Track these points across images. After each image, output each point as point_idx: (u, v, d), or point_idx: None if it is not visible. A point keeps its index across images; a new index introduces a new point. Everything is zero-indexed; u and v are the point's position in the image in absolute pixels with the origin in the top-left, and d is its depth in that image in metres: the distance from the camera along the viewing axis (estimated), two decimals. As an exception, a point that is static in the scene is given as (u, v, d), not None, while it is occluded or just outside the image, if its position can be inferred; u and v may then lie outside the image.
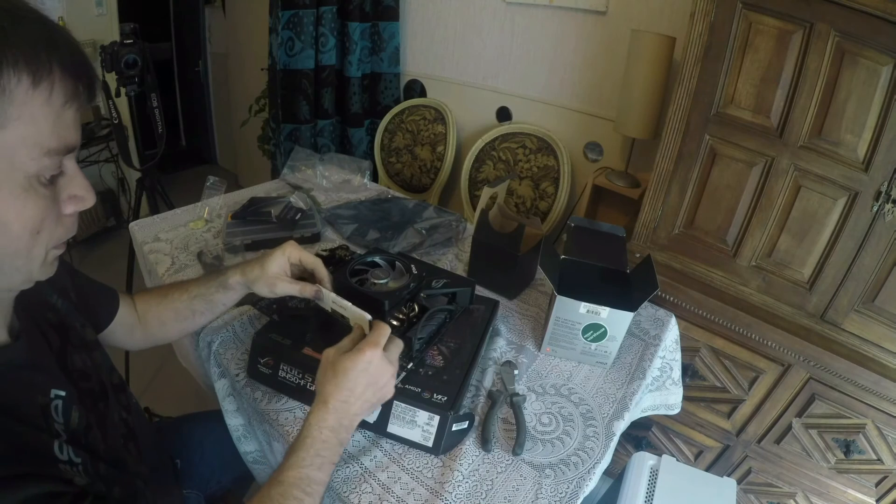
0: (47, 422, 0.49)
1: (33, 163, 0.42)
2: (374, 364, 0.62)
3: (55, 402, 0.50)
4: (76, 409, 0.53)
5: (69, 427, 0.51)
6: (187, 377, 1.17)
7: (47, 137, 0.42)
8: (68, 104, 0.43)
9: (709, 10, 1.07)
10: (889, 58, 0.93)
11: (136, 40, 1.55)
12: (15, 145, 0.40)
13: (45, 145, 0.42)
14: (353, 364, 0.61)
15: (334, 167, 1.59)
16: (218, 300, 0.80)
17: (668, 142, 1.21)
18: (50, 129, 0.42)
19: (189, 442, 0.96)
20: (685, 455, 1.47)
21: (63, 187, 0.46)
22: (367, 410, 0.64)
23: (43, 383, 0.51)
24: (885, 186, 0.99)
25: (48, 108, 0.41)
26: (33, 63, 0.39)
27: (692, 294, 1.24)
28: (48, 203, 0.44)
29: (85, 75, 0.44)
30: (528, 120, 1.99)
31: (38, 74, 0.40)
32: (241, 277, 0.77)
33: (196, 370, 1.06)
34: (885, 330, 1.08)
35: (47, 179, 0.44)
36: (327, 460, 0.59)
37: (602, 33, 1.71)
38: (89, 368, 0.61)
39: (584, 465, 0.76)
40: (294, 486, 0.56)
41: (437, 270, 0.98)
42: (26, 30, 0.40)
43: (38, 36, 0.40)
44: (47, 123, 0.42)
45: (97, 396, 0.60)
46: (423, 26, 2.14)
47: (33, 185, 0.43)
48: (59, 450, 0.47)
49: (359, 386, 0.61)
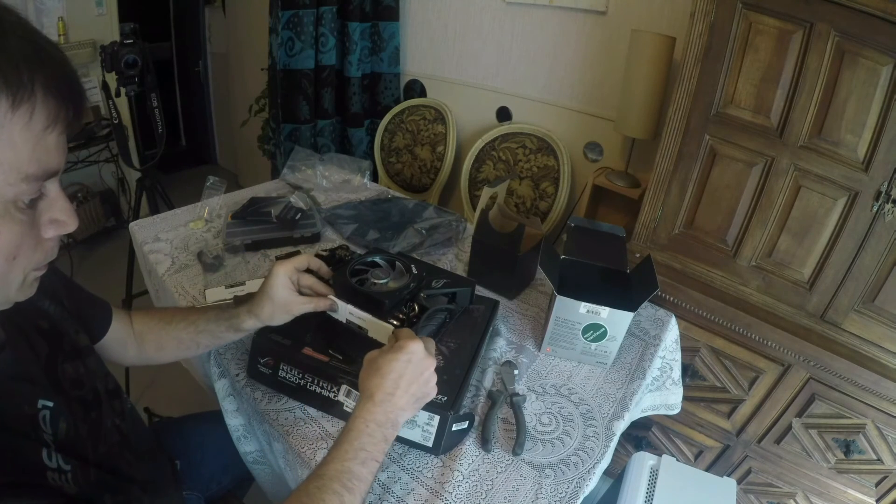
0: (36, 432, 0.48)
1: (10, 188, 0.39)
2: (418, 356, 0.61)
3: (43, 412, 0.50)
4: (64, 419, 0.52)
5: (57, 437, 0.50)
6: (187, 377, 1.17)
7: (26, 163, 0.39)
8: (51, 128, 0.40)
9: (709, 10, 1.07)
10: (889, 58, 0.93)
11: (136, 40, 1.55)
12: None
13: (23, 170, 0.39)
14: (395, 356, 0.60)
15: (334, 167, 1.59)
16: (227, 338, 0.80)
17: (668, 142, 1.21)
18: (29, 153, 0.39)
19: (190, 442, 0.95)
20: (685, 455, 1.47)
21: (43, 210, 0.44)
22: (412, 406, 0.63)
23: (30, 394, 0.50)
24: (885, 186, 0.99)
25: (28, 132, 0.39)
26: (13, 84, 0.37)
27: (692, 294, 1.24)
28: (25, 228, 0.42)
29: (71, 98, 0.41)
30: (528, 120, 1.99)
31: (18, 96, 0.37)
32: (255, 319, 0.76)
33: (196, 370, 1.06)
34: (885, 330, 1.08)
35: (25, 204, 0.42)
36: (371, 456, 0.57)
37: (602, 33, 1.71)
38: (82, 376, 0.60)
39: (584, 465, 0.76)
40: (334, 479, 0.54)
41: (437, 270, 0.98)
42: (8, 45, 0.37)
43: (21, 53, 0.38)
44: (27, 148, 0.39)
45: (89, 405, 0.59)
46: (423, 26, 2.14)
47: (9, 210, 0.40)
48: (47, 457, 0.47)
49: (403, 379, 0.61)
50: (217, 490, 0.97)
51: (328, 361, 0.78)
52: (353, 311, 0.78)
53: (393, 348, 0.62)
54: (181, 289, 1.05)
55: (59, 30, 2.24)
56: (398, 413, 0.61)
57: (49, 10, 2.20)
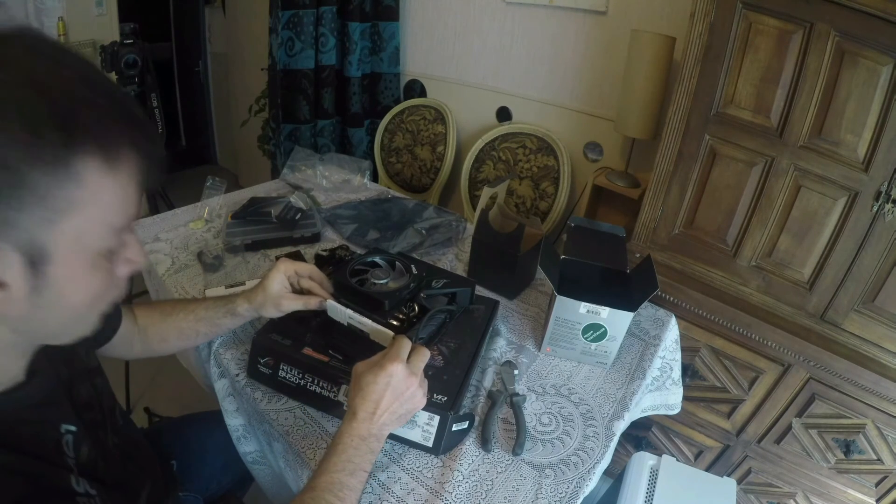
0: (61, 457, 0.49)
1: (101, 241, 0.42)
2: (397, 377, 0.63)
3: (66, 436, 0.51)
4: (85, 443, 0.53)
5: (79, 460, 0.51)
6: (187, 377, 1.17)
7: (115, 216, 0.42)
8: (135, 180, 0.42)
9: (709, 10, 1.07)
10: (889, 58, 0.93)
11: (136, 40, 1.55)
12: (84, 228, 0.40)
13: (112, 224, 0.42)
14: (374, 378, 0.62)
15: (334, 167, 1.59)
16: (224, 325, 0.83)
17: (668, 142, 1.21)
18: (118, 208, 0.42)
19: (189, 442, 0.95)
20: (685, 455, 1.47)
21: (120, 253, 0.46)
22: (396, 421, 0.65)
23: (55, 419, 0.51)
24: (885, 186, 0.99)
25: (117, 188, 0.41)
26: (105, 146, 0.39)
27: (692, 294, 1.24)
28: (108, 275, 0.45)
29: (153, 153, 0.44)
30: (528, 120, 1.99)
31: (109, 157, 0.39)
32: (249, 305, 0.80)
33: (196, 370, 1.06)
34: (885, 330, 1.08)
35: (110, 253, 0.44)
36: (358, 467, 0.60)
37: (602, 33, 1.71)
38: (92, 398, 0.61)
39: (584, 465, 0.76)
40: (326, 490, 0.57)
41: (437, 270, 0.98)
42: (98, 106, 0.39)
43: (110, 112, 0.40)
44: (115, 203, 0.41)
45: (97, 425, 0.60)
46: (423, 26, 2.14)
47: (98, 261, 0.43)
48: (75, 483, 0.48)
49: (384, 399, 0.62)
50: (217, 490, 0.97)
51: (328, 361, 0.78)
52: (352, 316, 0.78)
53: (374, 367, 0.63)
54: (181, 289, 1.06)
55: (59, 30, 2.23)
56: (381, 428, 0.63)
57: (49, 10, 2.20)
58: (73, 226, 0.39)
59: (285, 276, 0.80)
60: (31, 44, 0.38)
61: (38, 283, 0.40)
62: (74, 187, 0.38)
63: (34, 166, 0.36)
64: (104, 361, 0.69)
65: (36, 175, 0.36)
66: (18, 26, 0.39)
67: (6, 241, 0.37)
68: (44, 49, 0.38)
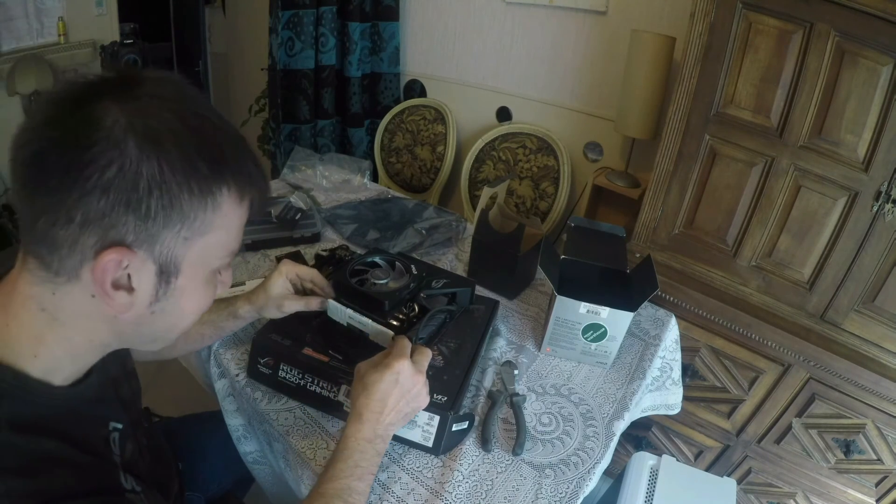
0: (109, 453, 0.51)
1: (219, 261, 0.49)
2: (404, 375, 0.63)
3: (113, 434, 0.53)
4: (130, 441, 0.55)
5: (124, 457, 0.53)
6: (187, 377, 1.17)
7: (234, 241, 0.49)
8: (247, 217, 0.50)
9: (709, 10, 1.07)
10: (889, 58, 0.93)
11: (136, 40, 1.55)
12: (211, 248, 0.46)
13: (231, 248, 0.49)
14: (381, 377, 0.62)
15: (334, 167, 1.59)
16: (227, 327, 0.84)
17: (668, 142, 1.21)
18: (236, 235, 0.49)
19: (190, 443, 0.95)
20: (685, 455, 1.47)
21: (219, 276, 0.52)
22: (401, 420, 0.65)
23: (105, 416, 0.54)
24: (885, 186, 0.99)
25: (239, 220, 0.48)
26: (241, 182, 0.46)
27: (692, 294, 1.24)
28: (214, 292, 0.52)
29: (267, 190, 0.51)
30: (528, 120, 1.99)
31: (243, 191, 0.46)
32: (251, 306, 0.81)
33: (196, 370, 1.06)
34: (885, 330, 1.08)
35: (219, 272, 0.51)
36: (366, 470, 0.60)
37: (602, 33, 1.70)
38: (132, 398, 0.63)
39: (584, 465, 0.76)
40: (336, 497, 0.57)
41: (437, 270, 0.98)
42: (234, 148, 0.46)
43: (242, 154, 0.47)
44: (237, 230, 0.49)
45: (137, 425, 0.62)
46: (423, 26, 2.14)
47: (212, 278, 0.50)
48: (123, 479, 0.50)
49: (390, 398, 0.62)
50: (217, 490, 0.97)
51: (328, 361, 0.78)
52: (352, 316, 0.79)
53: (380, 366, 0.63)
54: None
55: (59, 30, 2.23)
56: (387, 428, 0.63)
57: (49, 10, 2.19)
58: (203, 245, 0.45)
59: (287, 279, 0.81)
60: (179, 88, 0.44)
61: (163, 291, 0.45)
62: (213, 213, 0.44)
63: (187, 191, 0.41)
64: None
65: (186, 198, 0.42)
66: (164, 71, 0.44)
67: (148, 252, 0.42)
68: (190, 93, 0.45)
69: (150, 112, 0.40)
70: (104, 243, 0.40)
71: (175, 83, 0.44)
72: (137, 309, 0.45)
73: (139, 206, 0.40)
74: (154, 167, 0.39)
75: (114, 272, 0.41)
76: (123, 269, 0.42)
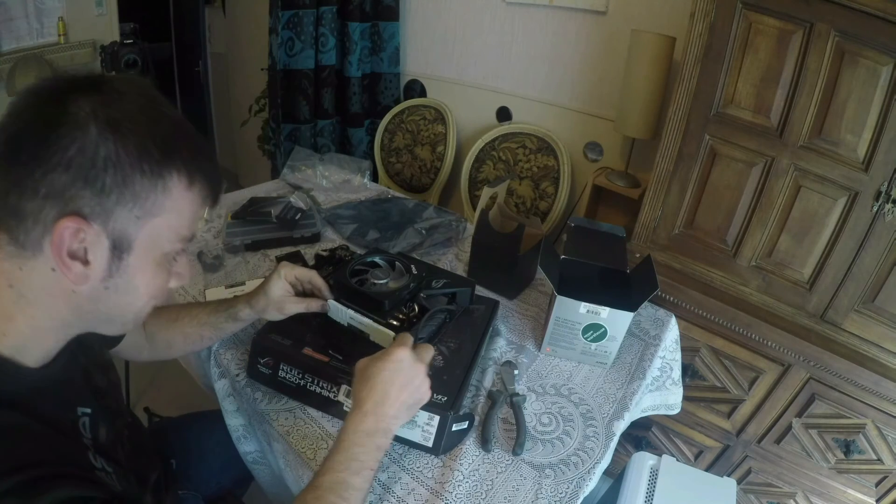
0: (77, 436, 0.53)
1: (170, 245, 0.52)
2: (406, 363, 0.62)
3: (83, 418, 0.55)
4: (102, 424, 0.57)
5: (97, 441, 0.55)
6: (187, 377, 1.17)
7: (185, 227, 0.52)
8: (203, 204, 0.53)
9: (709, 10, 1.07)
10: (889, 58, 0.93)
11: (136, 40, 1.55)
12: (162, 230, 0.50)
13: (181, 233, 0.52)
14: (383, 365, 0.62)
15: (334, 167, 1.59)
16: (227, 329, 0.84)
17: (668, 142, 1.21)
18: (188, 221, 0.52)
19: (189, 442, 0.95)
20: (685, 455, 1.47)
21: (175, 265, 0.55)
22: (404, 414, 0.64)
23: (72, 400, 0.55)
24: (885, 186, 0.99)
25: (192, 205, 0.51)
26: (191, 170, 0.50)
27: (692, 294, 1.24)
28: (167, 277, 0.54)
29: (219, 186, 0.54)
30: (528, 120, 1.99)
31: (193, 179, 0.50)
32: (251, 309, 0.81)
33: (195, 371, 1.06)
34: (885, 330, 1.08)
35: (173, 259, 0.54)
36: (364, 465, 0.58)
37: (602, 33, 1.70)
38: (107, 387, 0.64)
39: (584, 465, 0.76)
40: (329, 490, 0.56)
41: (437, 270, 0.98)
42: (188, 141, 0.50)
43: (196, 147, 0.51)
44: (188, 216, 0.52)
45: (115, 414, 0.63)
46: (423, 26, 2.14)
47: (163, 262, 0.52)
48: (93, 458, 0.52)
49: (393, 387, 0.61)
50: (216, 489, 0.97)
51: (328, 361, 0.78)
52: (353, 317, 0.79)
53: (381, 356, 0.63)
54: (181, 289, 1.06)
55: (59, 30, 2.23)
56: (390, 421, 0.62)
57: (49, 10, 2.19)
58: (154, 226, 0.49)
59: (286, 281, 0.81)
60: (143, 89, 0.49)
61: (116, 267, 0.48)
62: (163, 195, 0.48)
63: (139, 171, 0.46)
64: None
65: (138, 178, 0.46)
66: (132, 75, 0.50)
67: (102, 226, 0.46)
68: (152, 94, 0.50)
69: (112, 103, 0.45)
70: (62, 214, 0.44)
71: (138, 83, 0.50)
72: (93, 282, 0.48)
73: (95, 181, 0.44)
74: (111, 148, 0.44)
75: (70, 241, 0.45)
76: (80, 243, 0.45)
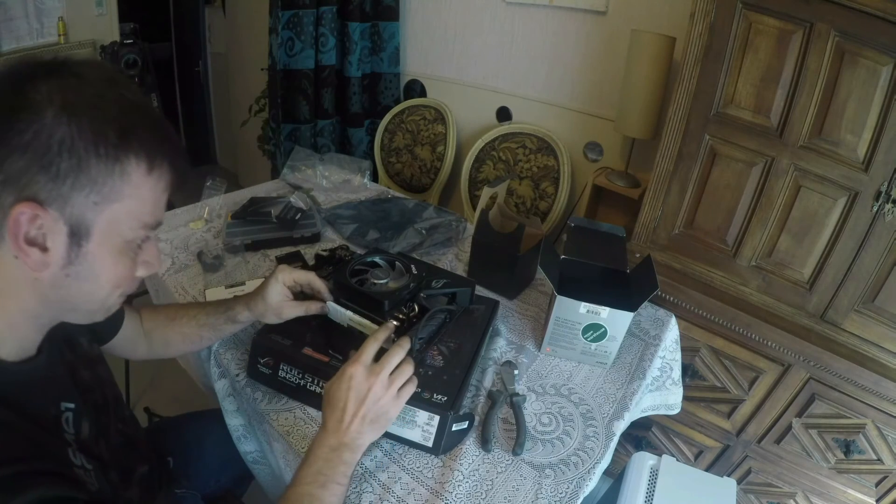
0: (59, 432, 0.53)
1: (131, 232, 0.50)
2: (357, 378, 0.62)
3: (66, 413, 0.55)
4: (86, 420, 0.57)
5: (80, 437, 0.55)
6: (187, 377, 1.17)
7: (147, 214, 0.51)
8: (166, 190, 0.52)
9: (709, 10, 1.07)
10: (889, 58, 0.93)
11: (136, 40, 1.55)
12: (121, 217, 0.49)
13: (143, 220, 0.51)
14: (338, 384, 0.63)
15: (334, 167, 1.59)
16: (226, 330, 0.84)
17: (668, 142, 1.21)
18: (151, 208, 0.51)
19: (187, 441, 0.95)
20: (685, 455, 1.47)
21: (141, 252, 0.54)
22: (370, 427, 0.63)
23: (56, 395, 0.55)
24: (885, 186, 0.99)
25: (154, 191, 0.50)
26: (151, 154, 0.48)
27: (692, 294, 1.24)
28: (132, 266, 0.53)
29: (184, 171, 0.53)
30: (528, 120, 1.99)
31: (153, 164, 0.49)
32: (249, 312, 0.81)
33: (195, 371, 1.06)
34: (885, 330, 1.08)
35: (137, 246, 0.52)
36: (330, 479, 0.59)
37: (602, 33, 1.70)
38: (94, 382, 0.64)
39: (584, 465, 0.76)
40: (296, 502, 0.57)
41: (437, 270, 0.98)
42: (149, 124, 0.49)
43: (157, 131, 0.50)
44: (150, 203, 0.50)
45: (100, 409, 0.62)
46: (423, 26, 2.14)
47: (125, 250, 0.51)
48: (72, 455, 0.52)
49: (349, 403, 0.62)
50: (216, 488, 0.97)
51: (328, 361, 0.78)
52: (352, 318, 0.79)
53: (337, 376, 0.64)
54: (181, 289, 1.05)
55: (59, 30, 2.23)
56: (352, 436, 0.62)
57: (49, 10, 2.19)
58: (113, 212, 0.48)
59: (284, 286, 0.80)
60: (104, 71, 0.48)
61: (75, 254, 0.47)
62: (121, 181, 0.47)
63: (94, 156, 0.45)
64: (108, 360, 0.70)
65: (94, 163, 0.45)
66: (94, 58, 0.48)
67: (60, 212, 0.45)
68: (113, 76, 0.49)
69: (70, 86, 0.45)
70: (19, 199, 0.44)
71: (100, 67, 0.49)
72: (53, 270, 0.47)
73: (50, 166, 0.43)
74: (65, 132, 0.43)
75: (27, 227, 0.44)
76: (38, 229, 0.45)
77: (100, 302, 0.53)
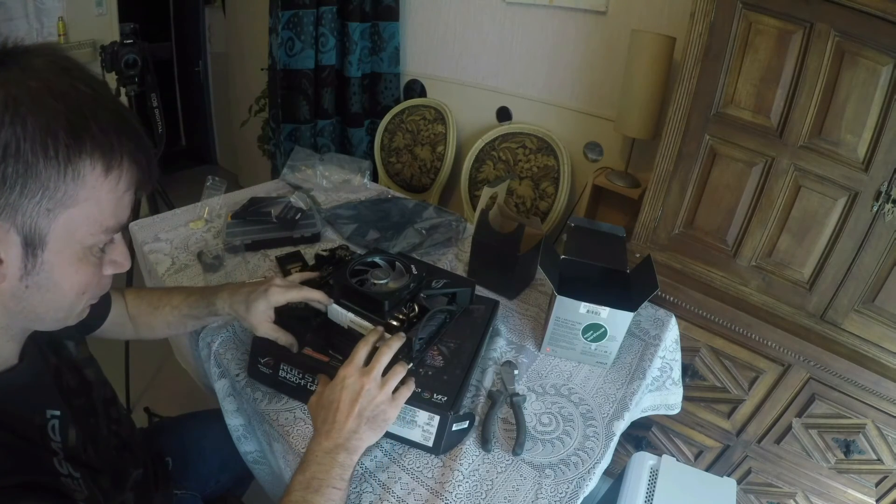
0: (45, 441, 0.51)
1: (91, 237, 0.47)
2: (350, 379, 0.62)
3: (51, 421, 0.53)
4: (72, 427, 0.55)
5: (67, 445, 0.53)
6: (187, 377, 1.17)
7: (108, 218, 0.47)
8: (129, 189, 0.48)
9: (709, 10, 1.07)
10: (889, 58, 0.93)
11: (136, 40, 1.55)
12: (79, 223, 0.45)
13: (104, 224, 0.47)
14: (331, 389, 0.63)
15: (334, 167, 1.59)
16: (209, 321, 0.84)
17: (668, 142, 1.21)
18: (111, 210, 0.47)
19: (187, 441, 0.95)
20: (685, 455, 1.47)
21: (107, 253, 0.51)
22: (368, 427, 0.63)
23: (40, 404, 0.53)
24: (885, 186, 0.99)
25: (113, 193, 0.46)
26: (108, 153, 0.44)
27: (692, 294, 1.24)
28: (96, 269, 0.50)
29: (149, 166, 0.48)
30: (528, 120, 1.99)
31: (110, 164, 0.44)
32: (230, 309, 0.78)
33: (195, 370, 1.06)
34: (885, 330, 1.08)
35: (99, 250, 0.49)
36: (325, 483, 0.58)
37: (602, 33, 1.71)
38: (81, 386, 0.63)
39: (584, 465, 0.76)
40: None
41: (437, 270, 0.98)
42: (105, 119, 0.44)
43: (115, 126, 0.45)
44: (110, 206, 0.46)
45: (88, 412, 0.61)
46: (423, 26, 2.14)
47: (87, 255, 0.48)
48: (58, 465, 0.50)
49: (342, 404, 0.62)
50: (215, 488, 0.97)
51: (328, 362, 0.78)
52: (353, 320, 0.79)
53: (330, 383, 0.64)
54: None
55: (59, 30, 2.23)
56: (347, 436, 0.61)
57: (49, 10, 2.20)
58: (69, 218, 0.44)
59: (271, 309, 0.77)
60: (54, 59, 0.44)
61: (32, 265, 0.44)
62: (76, 185, 0.43)
63: (43, 159, 0.40)
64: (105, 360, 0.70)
65: (42, 167, 0.41)
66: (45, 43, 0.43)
67: (10, 223, 0.42)
68: (64, 64, 0.44)
69: (13, 80, 0.40)
70: None
71: (50, 53, 0.44)
72: (11, 281, 0.44)
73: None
74: (9, 135, 0.39)
75: None
76: None
77: (66, 310, 0.50)
